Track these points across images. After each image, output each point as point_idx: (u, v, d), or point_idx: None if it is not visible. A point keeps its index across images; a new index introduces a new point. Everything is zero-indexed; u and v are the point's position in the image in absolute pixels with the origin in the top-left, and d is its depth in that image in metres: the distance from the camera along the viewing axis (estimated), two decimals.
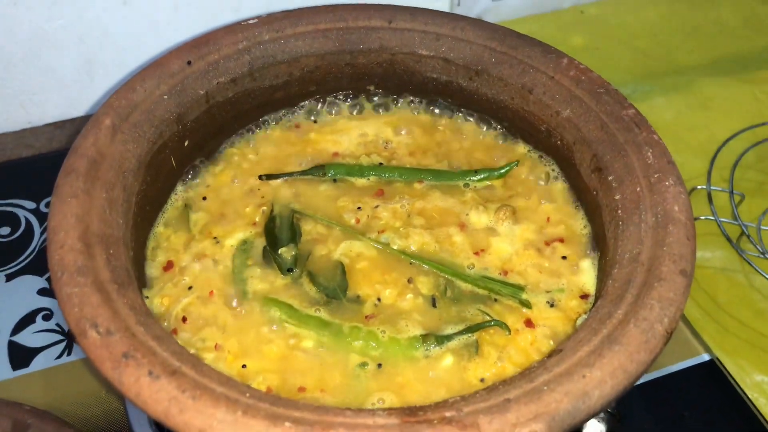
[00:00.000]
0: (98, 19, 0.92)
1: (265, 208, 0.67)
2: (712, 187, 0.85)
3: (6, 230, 0.84)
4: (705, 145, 0.94)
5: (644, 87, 1.03)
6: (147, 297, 0.60)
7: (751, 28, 1.13)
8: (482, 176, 0.70)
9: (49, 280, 0.78)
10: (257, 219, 0.66)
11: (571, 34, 1.11)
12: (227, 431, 0.42)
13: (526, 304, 0.61)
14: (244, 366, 0.56)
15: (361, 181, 0.70)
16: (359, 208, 0.67)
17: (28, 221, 0.85)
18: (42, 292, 0.78)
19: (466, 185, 0.70)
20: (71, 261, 0.50)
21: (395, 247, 0.64)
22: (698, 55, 1.09)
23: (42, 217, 0.85)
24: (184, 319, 0.59)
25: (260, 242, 0.65)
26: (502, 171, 0.70)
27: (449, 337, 0.58)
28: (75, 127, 0.99)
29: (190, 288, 0.61)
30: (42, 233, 0.83)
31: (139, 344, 0.46)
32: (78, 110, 1.01)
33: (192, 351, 0.56)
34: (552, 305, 0.61)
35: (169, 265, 0.63)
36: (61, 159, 0.91)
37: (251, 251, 0.64)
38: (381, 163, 0.71)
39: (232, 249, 0.64)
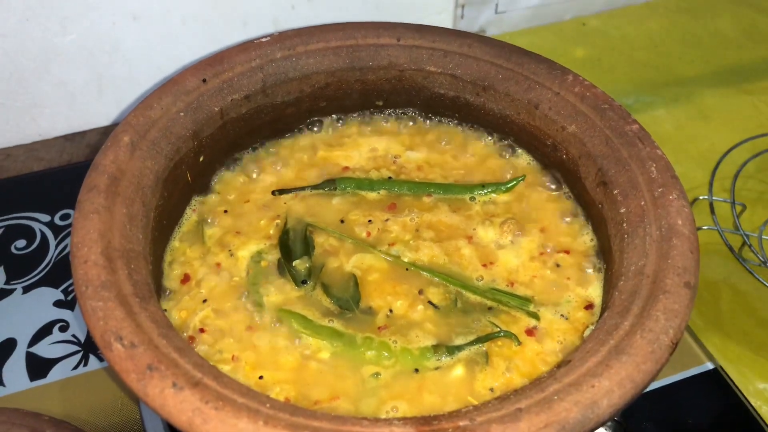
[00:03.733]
0: (108, 33, 0.94)
1: (278, 221, 0.68)
2: (713, 198, 0.86)
3: (22, 243, 0.85)
4: (706, 155, 0.95)
5: (645, 98, 1.04)
6: (165, 310, 0.62)
7: (751, 38, 1.15)
8: (489, 190, 0.71)
9: (64, 291, 0.80)
10: (271, 232, 0.67)
11: (573, 45, 1.13)
12: None
13: (534, 316, 0.62)
14: (261, 377, 0.57)
15: (371, 195, 0.71)
16: (370, 221, 0.68)
17: (43, 234, 0.86)
18: (58, 303, 0.79)
19: (473, 199, 0.71)
20: (95, 276, 0.51)
21: (406, 260, 0.65)
22: (699, 66, 1.10)
23: (57, 230, 0.86)
24: (201, 331, 0.60)
25: (274, 254, 0.66)
26: (509, 185, 0.71)
27: (460, 348, 0.59)
28: (85, 139, 1.01)
29: (205, 300, 0.62)
30: (57, 245, 0.85)
31: (163, 356, 0.47)
32: (88, 123, 1.02)
33: (210, 362, 0.57)
34: (558, 316, 0.62)
35: (185, 278, 0.64)
36: (72, 172, 0.94)
37: (266, 263, 0.65)
38: (390, 177, 0.72)
39: (246, 261, 0.65)
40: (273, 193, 0.71)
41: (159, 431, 0.66)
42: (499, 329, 0.61)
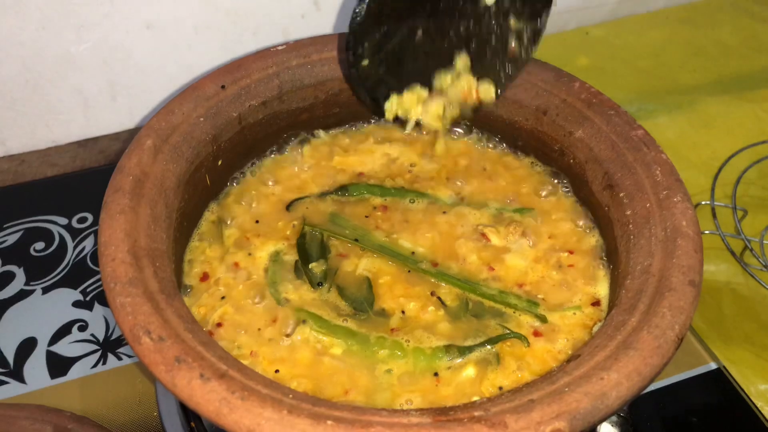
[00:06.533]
0: (122, 42, 0.96)
1: (295, 222, 0.70)
2: (715, 203, 0.88)
3: (41, 245, 0.87)
4: (708, 162, 0.96)
5: (648, 106, 1.05)
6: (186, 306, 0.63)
7: (751, 47, 1.16)
8: (501, 209, 0.72)
9: (83, 292, 0.81)
10: (288, 233, 0.69)
11: (577, 54, 1.14)
12: (274, 429, 0.45)
13: (542, 319, 0.63)
14: (277, 371, 0.59)
15: (384, 202, 0.72)
16: (381, 226, 0.70)
17: (61, 236, 0.88)
18: (77, 304, 0.81)
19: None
20: (123, 273, 0.53)
21: (422, 266, 0.67)
22: (700, 74, 1.11)
23: (74, 233, 0.88)
24: (219, 326, 0.62)
25: (292, 255, 0.67)
26: (522, 211, 0.72)
27: (470, 349, 0.61)
28: (97, 145, 1.02)
29: (224, 298, 0.64)
30: (75, 248, 0.86)
31: (189, 349, 0.49)
32: (100, 129, 1.04)
33: None
34: (568, 315, 0.63)
35: (204, 276, 0.65)
36: (86, 177, 0.95)
37: (283, 263, 0.67)
38: (403, 187, 0.73)
39: (264, 261, 0.67)
40: (287, 208, 0.71)
41: (176, 426, 0.67)
42: (508, 331, 0.62)
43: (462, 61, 0.63)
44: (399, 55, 0.66)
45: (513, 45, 0.63)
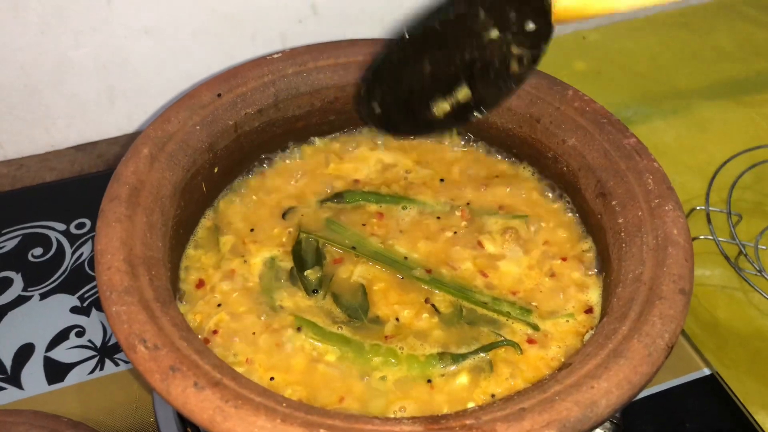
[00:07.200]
0: (120, 47, 0.96)
1: (291, 229, 0.70)
2: (710, 208, 0.88)
3: (39, 251, 0.87)
4: (703, 166, 0.96)
5: (644, 110, 1.05)
6: (181, 313, 0.63)
7: (747, 52, 1.16)
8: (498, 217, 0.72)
9: (80, 298, 0.82)
10: (284, 240, 0.69)
11: (574, 59, 1.14)
12: None
13: (535, 327, 0.63)
14: (272, 378, 0.59)
15: (379, 209, 0.72)
16: (377, 233, 0.70)
17: (59, 242, 0.88)
18: (74, 310, 0.81)
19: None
20: (118, 281, 0.53)
21: (416, 273, 0.67)
22: (697, 78, 1.11)
23: (72, 238, 0.88)
24: (214, 333, 0.62)
25: (287, 261, 0.68)
26: (517, 217, 0.72)
27: (464, 356, 0.61)
28: (96, 150, 1.03)
29: (219, 305, 0.64)
30: (73, 254, 0.87)
31: (184, 358, 0.50)
32: (99, 134, 1.04)
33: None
34: (561, 322, 0.64)
35: (200, 284, 0.66)
36: (84, 182, 0.96)
37: (278, 270, 0.67)
38: (398, 194, 0.73)
39: (259, 268, 0.67)
40: (283, 215, 0.72)
41: None
42: (501, 338, 0.62)
43: (462, 93, 0.64)
44: (408, 88, 0.67)
45: (514, 66, 0.64)
